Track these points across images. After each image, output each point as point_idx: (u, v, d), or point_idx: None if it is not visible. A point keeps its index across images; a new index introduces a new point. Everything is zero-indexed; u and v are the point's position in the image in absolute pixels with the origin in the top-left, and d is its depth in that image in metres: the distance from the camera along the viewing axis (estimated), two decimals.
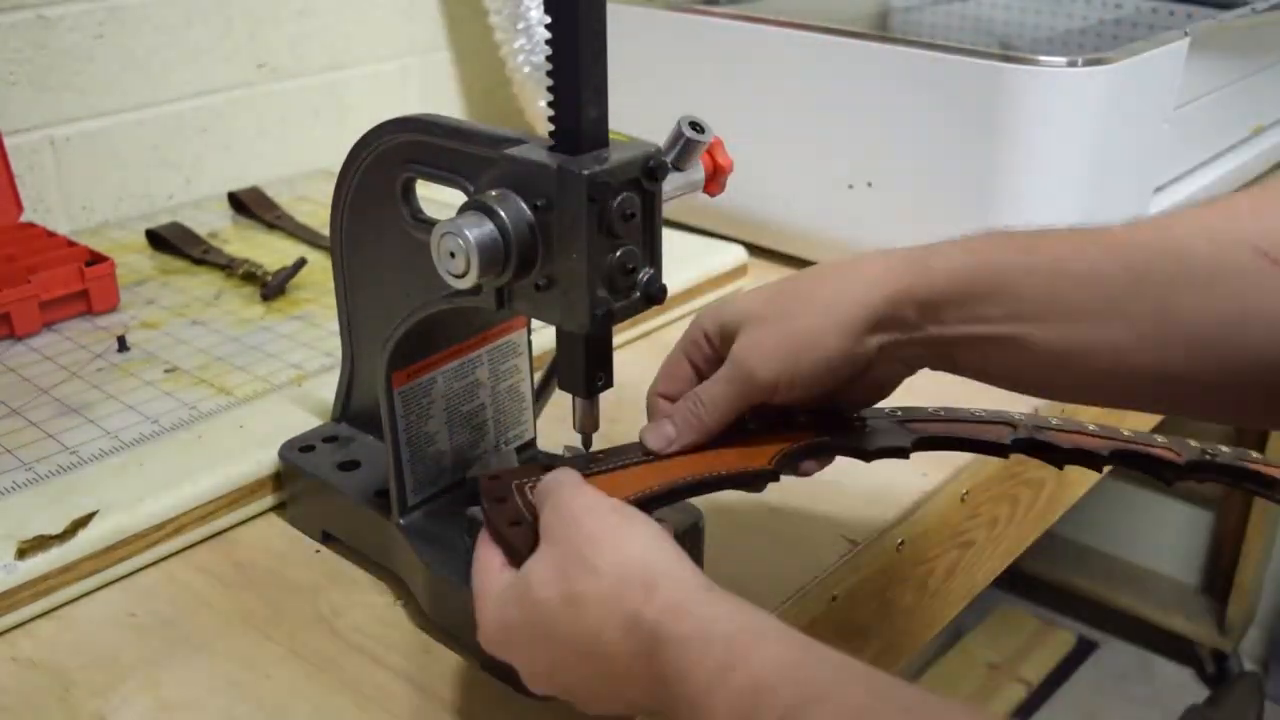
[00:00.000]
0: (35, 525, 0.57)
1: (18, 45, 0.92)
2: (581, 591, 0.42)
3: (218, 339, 0.77)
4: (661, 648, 0.39)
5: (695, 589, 0.41)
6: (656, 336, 0.84)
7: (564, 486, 0.46)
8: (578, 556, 0.43)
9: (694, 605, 0.40)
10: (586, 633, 0.42)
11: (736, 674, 0.37)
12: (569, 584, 0.43)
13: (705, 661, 0.38)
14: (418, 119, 0.52)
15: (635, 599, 0.41)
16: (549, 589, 0.43)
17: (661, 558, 0.42)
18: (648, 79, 0.97)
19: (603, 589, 0.42)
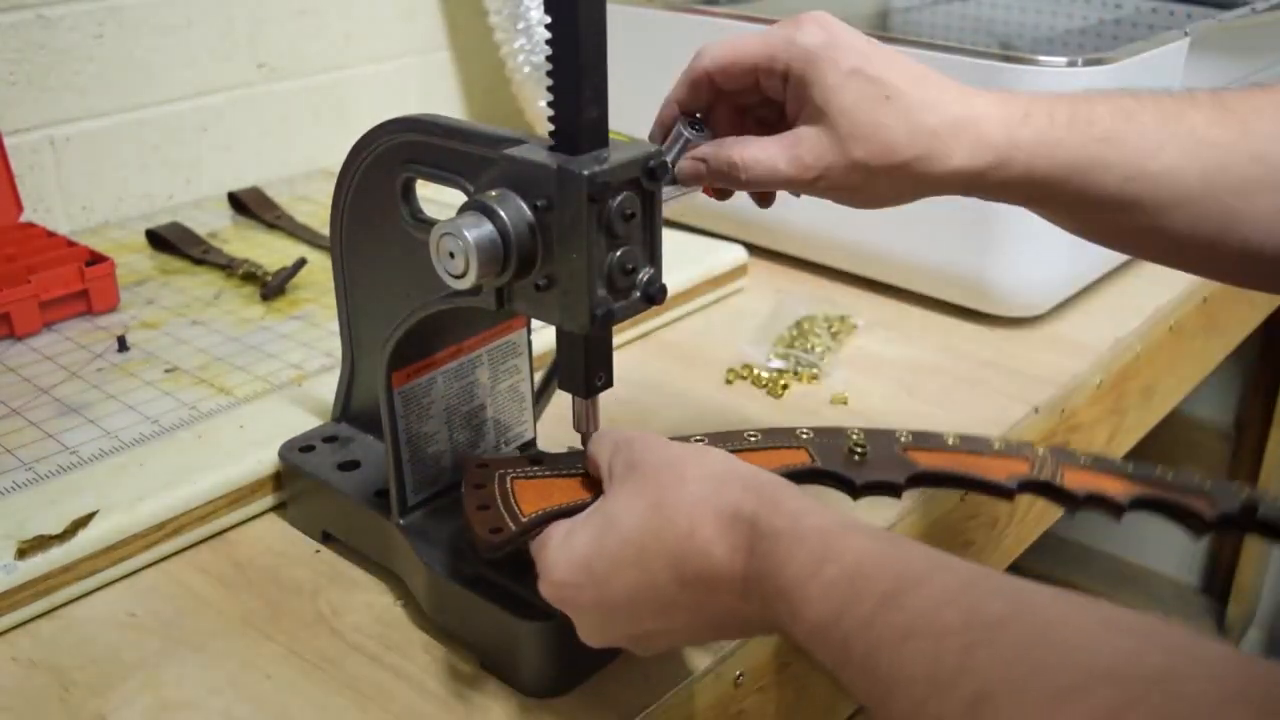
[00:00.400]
0: (35, 525, 0.57)
1: (18, 45, 0.92)
2: (673, 499, 0.42)
3: (218, 339, 0.77)
4: (759, 540, 0.40)
5: (783, 484, 0.42)
6: (656, 336, 0.84)
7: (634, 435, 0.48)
8: (663, 472, 0.44)
9: (785, 498, 0.41)
10: (681, 536, 0.41)
11: (831, 564, 0.37)
12: (657, 495, 0.43)
13: (801, 552, 0.38)
14: (418, 119, 0.52)
15: (732, 493, 0.42)
16: (632, 510, 0.43)
17: (744, 466, 0.44)
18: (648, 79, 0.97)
19: (696, 493, 0.42)
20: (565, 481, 0.51)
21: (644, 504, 0.43)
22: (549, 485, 0.50)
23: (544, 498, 0.49)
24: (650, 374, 0.79)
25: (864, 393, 0.76)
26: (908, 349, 0.83)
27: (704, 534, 0.41)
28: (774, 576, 0.39)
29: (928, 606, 0.34)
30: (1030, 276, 0.83)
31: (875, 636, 0.35)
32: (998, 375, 0.78)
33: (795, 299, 0.87)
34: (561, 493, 0.50)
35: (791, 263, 0.96)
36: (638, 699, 0.50)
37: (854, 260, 0.92)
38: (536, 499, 0.49)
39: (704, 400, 0.75)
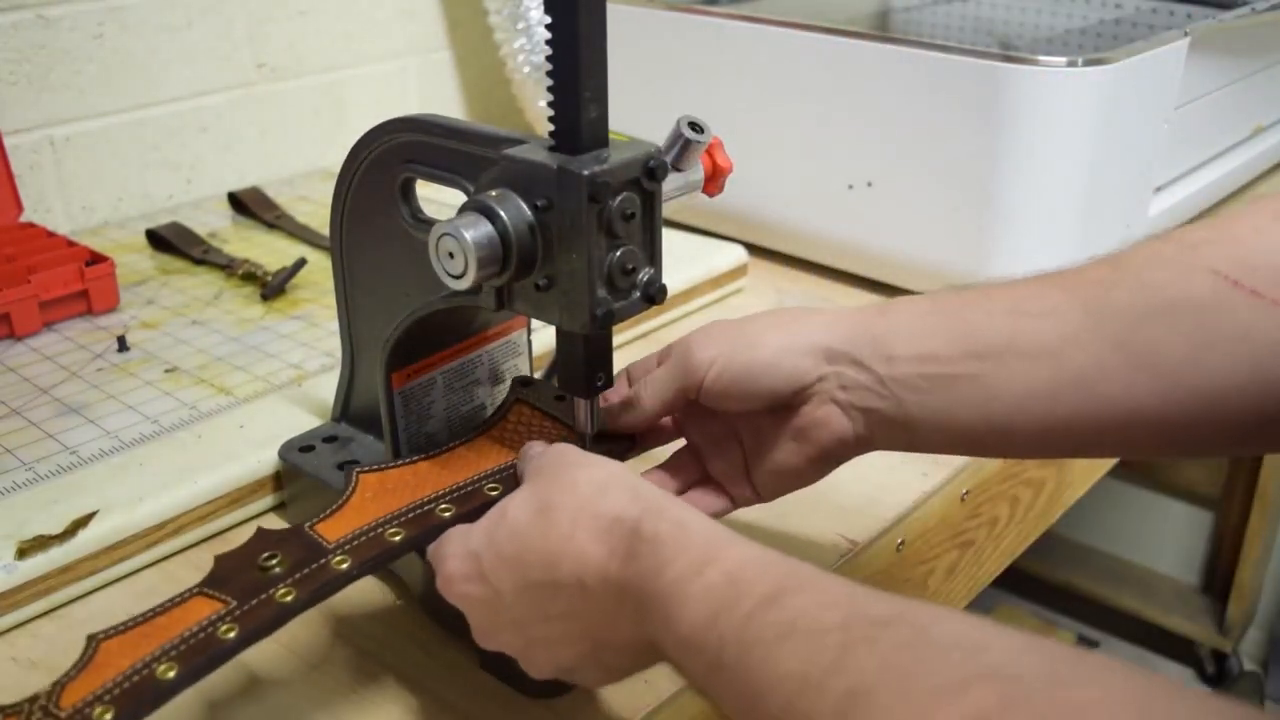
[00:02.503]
0: (35, 525, 0.57)
1: (18, 45, 0.92)
2: (558, 502, 0.43)
3: (218, 339, 0.77)
4: (639, 545, 0.39)
5: (672, 498, 0.42)
6: (656, 336, 0.84)
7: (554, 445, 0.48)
8: (557, 477, 0.44)
9: (672, 508, 0.41)
10: (560, 538, 0.42)
11: (714, 567, 0.37)
12: (546, 497, 0.43)
13: (683, 556, 0.38)
14: (418, 119, 0.52)
15: (617, 502, 0.42)
16: (523, 508, 0.44)
17: (638, 479, 0.44)
18: (648, 79, 0.97)
19: (581, 497, 0.42)
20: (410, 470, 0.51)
21: (534, 504, 0.43)
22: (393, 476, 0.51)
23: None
24: None
25: None
26: None
27: (583, 536, 0.41)
28: (653, 580, 0.38)
29: (809, 606, 0.34)
30: None
31: (752, 636, 0.34)
32: None
33: (795, 299, 0.87)
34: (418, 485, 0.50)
35: (791, 263, 0.96)
36: (638, 699, 0.50)
37: (854, 260, 0.92)
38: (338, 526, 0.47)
39: None
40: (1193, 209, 1.01)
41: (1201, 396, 0.43)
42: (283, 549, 0.45)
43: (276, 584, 0.44)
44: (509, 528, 0.44)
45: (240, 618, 0.42)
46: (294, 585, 0.44)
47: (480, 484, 0.51)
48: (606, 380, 0.52)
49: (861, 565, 0.60)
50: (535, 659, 0.45)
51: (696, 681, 0.37)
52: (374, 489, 0.50)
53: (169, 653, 0.40)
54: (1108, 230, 0.87)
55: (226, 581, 0.44)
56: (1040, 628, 1.87)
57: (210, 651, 0.41)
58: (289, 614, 0.43)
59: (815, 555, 0.59)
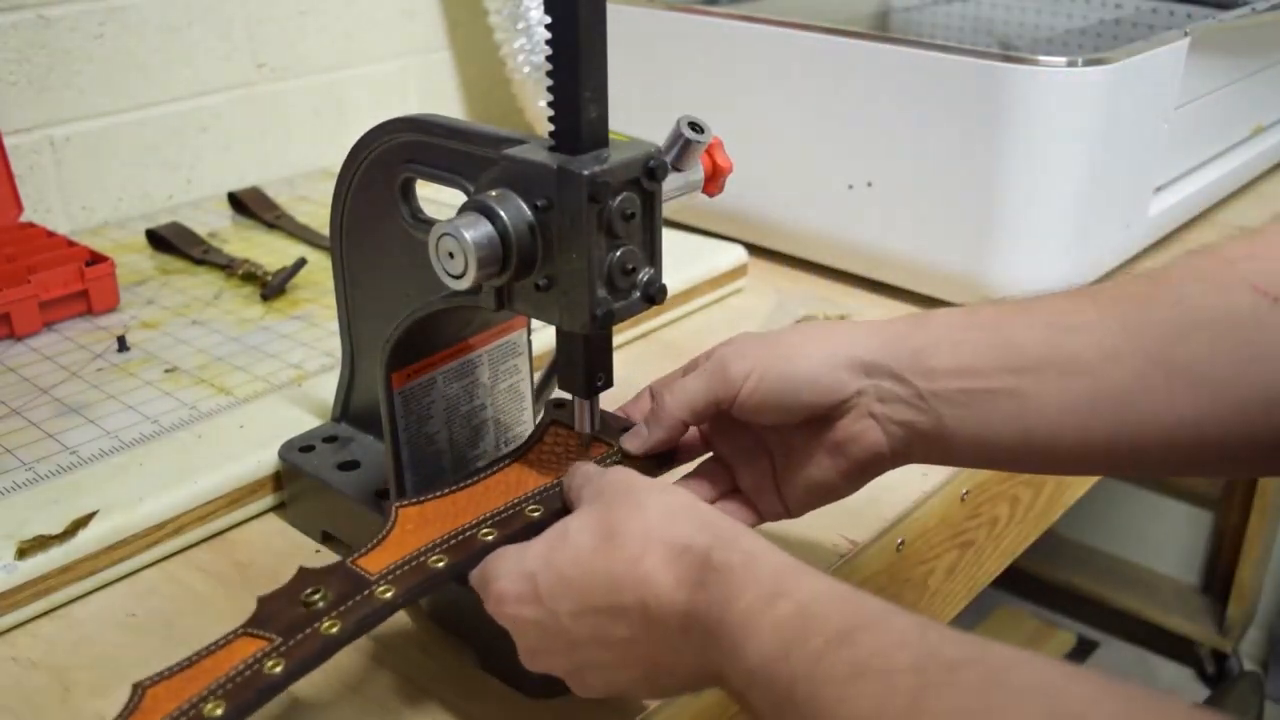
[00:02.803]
0: (35, 525, 0.57)
1: (18, 45, 0.92)
2: (626, 527, 0.42)
3: (218, 339, 0.77)
4: (708, 574, 0.39)
5: (744, 529, 0.42)
6: (656, 336, 0.84)
7: (608, 469, 0.48)
8: (623, 500, 0.43)
9: (744, 539, 0.41)
10: (626, 562, 0.41)
11: (785, 601, 0.37)
12: (611, 522, 0.42)
13: (753, 588, 0.37)
14: (418, 119, 0.52)
15: (686, 529, 0.41)
16: (586, 532, 0.43)
17: (706, 506, 0.43)
18: (648, 79, 0.97)
19: (649, 522, 0.42)
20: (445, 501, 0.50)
21: (599, 526, 0.43)
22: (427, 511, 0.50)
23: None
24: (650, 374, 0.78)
25: None
26: None
27: (651, 562, 0.40)
28: (722, 610, 0.38)
29: (881, 646, 0.33)
30: (1030, 276, 0.82)
31: (823, 673, 0.34)
32: None
33: (795, 299, 0.87)
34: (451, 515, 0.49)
35: (791, 263, 0.96)
36: (638, 699, 0.50)
37: (854, 260, 0.92)
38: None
39: None
40: (1193, 209, 1.01)
41: (1242, 412, 0.43)
42: (325, 584, 0.45)
43: (320, 618, 0.43)
44: (572, 551, 0.43)
45: (286, 653, 0.41)
46: (339, 617, 0.43)
47: (521, 506, 0.50)
48: (606, 381, 0.52)
49: (861, 565, 0.60)
50: (587, 681, 0.44)
51: (763, 713, 0.36)
52: (414, 521, 0.49)
53: (215, 692, 0.40)
54: (1108, 230, 0.87)
55: (270, 620, 0.43)
56: (1040, 628, 1.87)
57: (257, 687, 0.40)
58: (336, 645, 0.42)
59: (815, 555, 0.59)
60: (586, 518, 0.44)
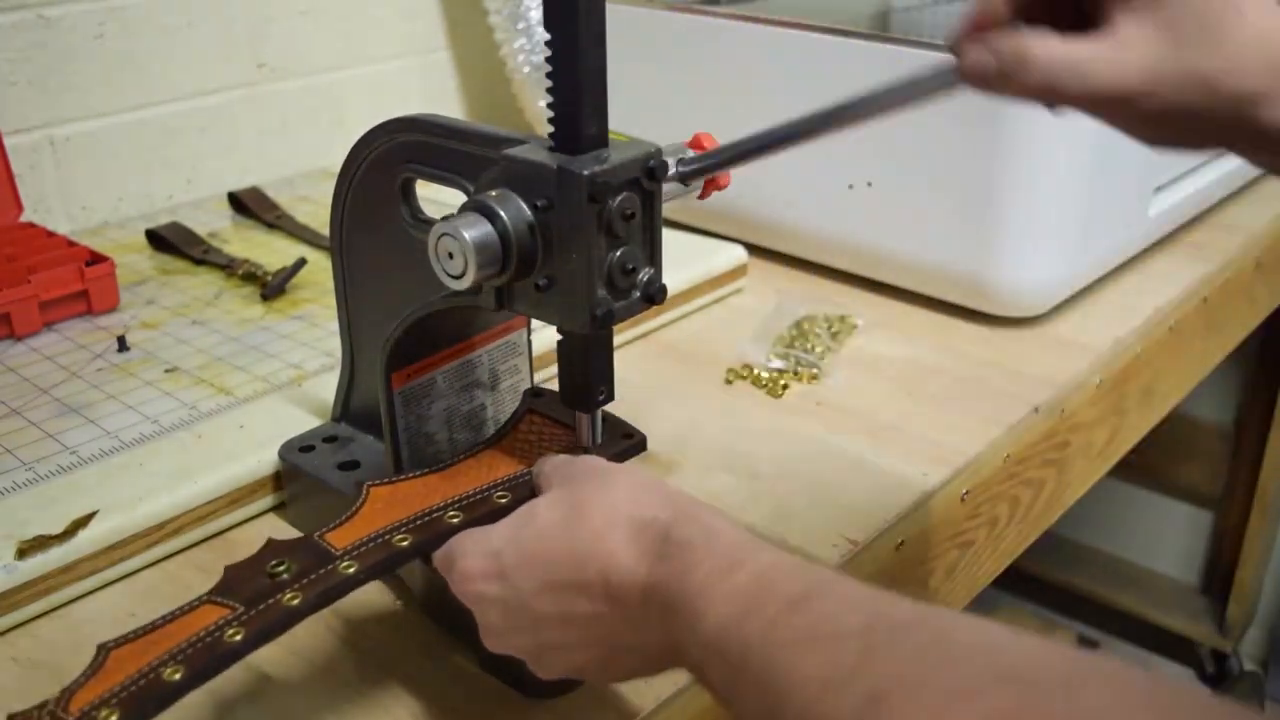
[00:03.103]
0: (35, 525, 0.57)
1: (18, 45, 0.92)
2: (590, 503, 0.43)
3: (218, 339, 0.77)
4: (669, 547, 0.40)
5: (705, 505, 0.43)
6: (656, 336, 0.84)
7: (576, 458, 0.48)
8: (588, 480, 0.44)
9: (704, 514, 0.41)
10: (589, 538, 0.41)
11: (741, 571, 0.37)
12: (576, 498, 0.43)
13: (711, 560, 0.38)
14: (418, 119, 0.52)
15: (649, 506, 0.42)
16: (554, 509, 0.44)
17: (671, 486, 0.44)
18: (648, 79, 0.97)
19: (614, 498, 0.43)
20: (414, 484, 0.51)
21: (566, 504, 0.44)
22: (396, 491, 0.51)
23: None
24: (650, 374, 0.79)
25: (864, 393, 0.76)
26: (908, 349, 0.82)
27: (615, 537, 0.41)
28: (680, 582, 0.38)
29: (833, 610, 0.34)
30: (1030, 276, 0.83)
31: (776, 639, 0.34)
32: (998, 375, 0.78)
33: (795, 299, 0.87)
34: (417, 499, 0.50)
35: (791, 263, 0.96)
36: (638, 699, 0.50)
37: (854, 260, 0.92)
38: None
39: (704, 400, 0.75)
40: (1193, 209, 1.01)
41: None
42: (291, 556, 0.45)
43: (283, 589, 0.44)
44: (537, 527, 0.43)
45: (247, 621, 0.42)
46: (301, 590, 0.44)
47: (489, 492, 0.51)
48: (608, 395, 0.52)
49: (861, 565, 0.60)
50: (547, 661, 0.44)
51: (718, 684, 0.37)
52: (384, 500, 0.50)
53: (175, 656, 0.41)
54: (1108, 230, 0.87)
55: (234, 589, 0.44)
56: (1040, 628, 1.87)
57: (217, 653, 0.41)
58: (296, 617, 0.43)
59: (815, 555, 0.59)
60: (554, 496, 0.45)
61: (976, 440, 0.70)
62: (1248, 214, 1.07)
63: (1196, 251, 0.98)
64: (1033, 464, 0.75)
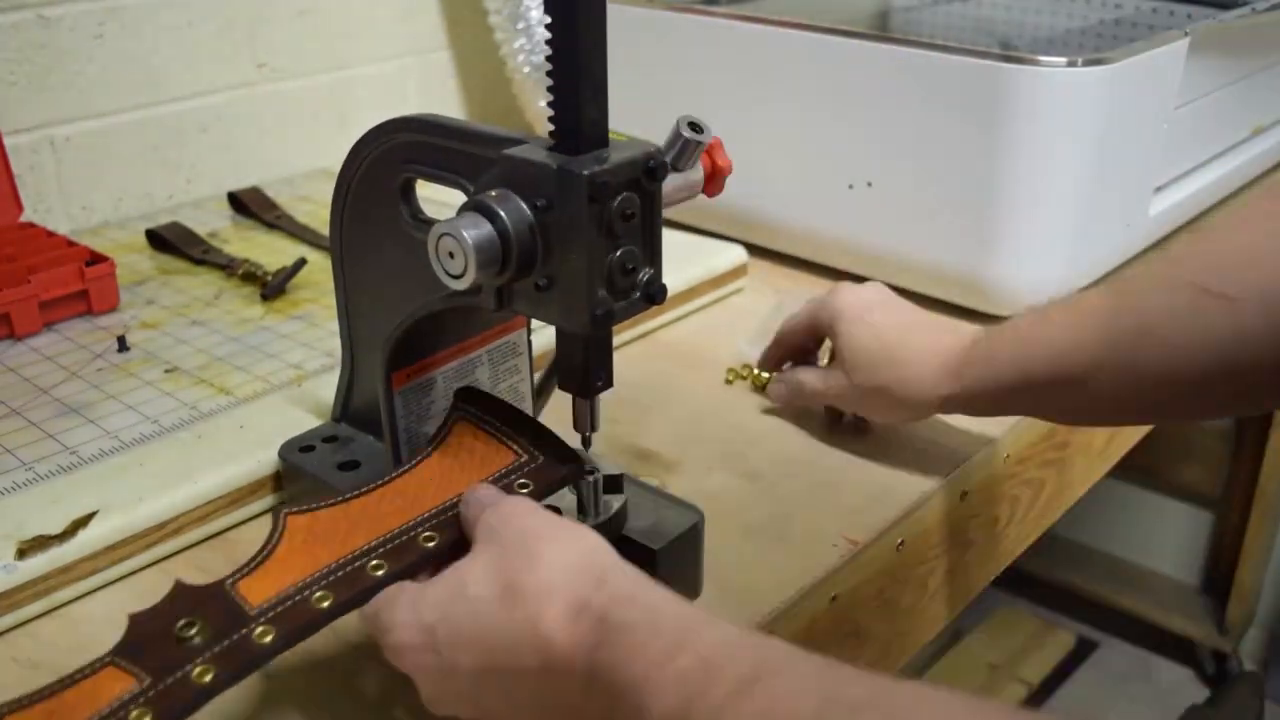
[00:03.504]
0: (35, 525, 0.57)
1: (18, 45, 0.92)
2: (523, 582, 0.41)
3: (218, 339, 0.77)
4: (608, 633, 0.38)
5: (644, 581, 0.41)
6: (656, 336, 0.84)
7: (506, 497, 0.46)
8: (521, 550, 0.42)
9: (643, 594, 0.40)
10: (524, 622, 0.40)
11: (686, 653, 0.36)
12: (509, 575, 0.41)
13: (654, 643, 0.37)
14: (418, 119, 0.52)
15: (584, 587, 0.40)
16: (484, 584, 0.42)
17: (610, 557, 0.42)
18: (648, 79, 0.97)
19: (547, 579, 0.41)
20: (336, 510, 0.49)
21: (496, 582, 0.42)
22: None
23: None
24: (650, 374, 0.79)
25: None
26: None
27: (549, 623, 0.39)
28: (623, 669, 0.37)
29: (783, 694, 0.33)
30: (1029, 276, 0.82)
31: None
32: None
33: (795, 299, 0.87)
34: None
35: (791, 263, 0.96)
36: None
37: (854, 260, 0.92)
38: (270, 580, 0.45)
39: (704, 400, 0.75)
40: (1193, 209, 1.01)
41: (1201, 388, 0.52)
42: (202, 613, 0.42)
43: (194, 657, 0.41)
44: (468, 606, 0.42)
45: (154, 700, 0.39)
46: (212, 661, 0.41)
47: (416, 532, 0.48)
48: (606, 381, 0.52)
49: (862, 565, 0.60)
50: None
51: None
52: (303, 534, 0.47)
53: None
54: (1108, 230, 0.87)
55: (141, 651, 0.41)
56: (1040, 628, 1.87)
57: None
58: (206, 696, 0.40)
59: (815, 555, 0.59)
60: (483, 568, 0.43)
61: (976, 440, 0.70)
62: None
63: None
64: (1033, 464, 0.75)
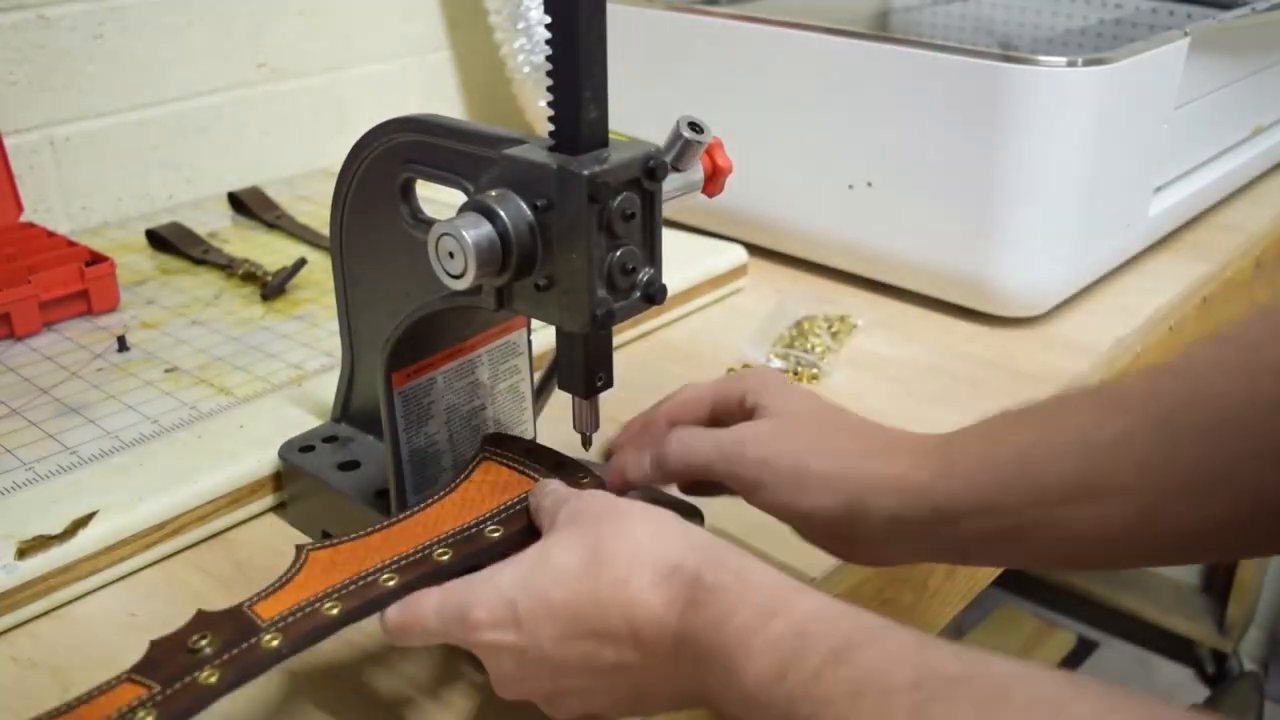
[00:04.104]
0: (35, 525, 0.57)
1: (18, 45, 0.92)
2: (612, 548, 0.41)
3: (218, 339, 0.77)
4: (700, 594, 0.38)
5: (734, 548, 0.41)
6: (656, 336, 0.84)
7: (581, 491, 0.47)
8: (607, 520, 0.42)
9: (734, 559, 0.40)
10: (613, 584, 0.40)
11: (780, 619, 0.36)
12: (596, 542, 0.41)
13: (746, 608, 0.37)
14: (418, 119, 0.52)
15: (675, 551, 0.40)
16: (569, 553, 0.42)
17: (698, 528, 0.43)
18: (648, 79, 0.97)
19: (637, 544, 0.41)
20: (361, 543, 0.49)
21: (582, 548, 0.41)
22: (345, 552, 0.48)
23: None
24: (650, 374, 0.79)
25: (864, 393, 0.76)
26: (908, 349, 0.82)
27: (639, 583, 0.39)
28: (715, 631, 0.37)
29: (880, 662, 0.33)
30: (1030, 276, 0.83)
31: (822, 693, 0.33)
32: (998, 375, 0.78)
33: (795, 299, 0.87)
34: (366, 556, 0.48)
35: (791, 263, 0.96)
36: None
37: (854, 260, 0.92)
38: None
39: None
40: (1193, 209, 1.01)
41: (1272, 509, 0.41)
42: (214, 629, 0.43)
43: (203, 665, 0.42)
44: (555, 574, 0.41)
45: (161, 703, 0.40)
46: (219, 666, 0.42)
47: (430, 550, 0.48)
48: (606, 381, 0.52)
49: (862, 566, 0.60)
50: (564, 706, 0.43)
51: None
52: (322, 565, 0.47)
53: None
54: (1108, 230, 0.87)
55: (157, 666, 0.42)
56: (1040, 628, 1.87)
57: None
58: (211, 696, 0.41)
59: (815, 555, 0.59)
60: (568, 540, 0.42)
61: None
62: (1247, 214, 1.07)
63: (1196, 251, 0.98)
64: None
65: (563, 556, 0.42)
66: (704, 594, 0.38)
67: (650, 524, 0.42)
